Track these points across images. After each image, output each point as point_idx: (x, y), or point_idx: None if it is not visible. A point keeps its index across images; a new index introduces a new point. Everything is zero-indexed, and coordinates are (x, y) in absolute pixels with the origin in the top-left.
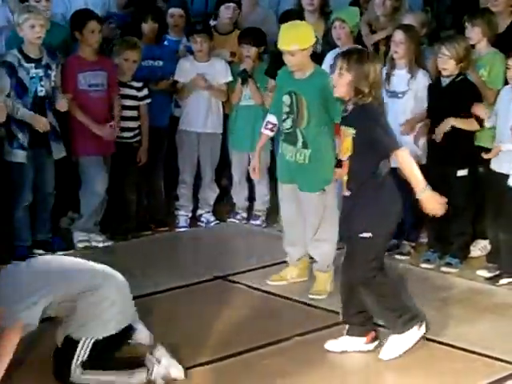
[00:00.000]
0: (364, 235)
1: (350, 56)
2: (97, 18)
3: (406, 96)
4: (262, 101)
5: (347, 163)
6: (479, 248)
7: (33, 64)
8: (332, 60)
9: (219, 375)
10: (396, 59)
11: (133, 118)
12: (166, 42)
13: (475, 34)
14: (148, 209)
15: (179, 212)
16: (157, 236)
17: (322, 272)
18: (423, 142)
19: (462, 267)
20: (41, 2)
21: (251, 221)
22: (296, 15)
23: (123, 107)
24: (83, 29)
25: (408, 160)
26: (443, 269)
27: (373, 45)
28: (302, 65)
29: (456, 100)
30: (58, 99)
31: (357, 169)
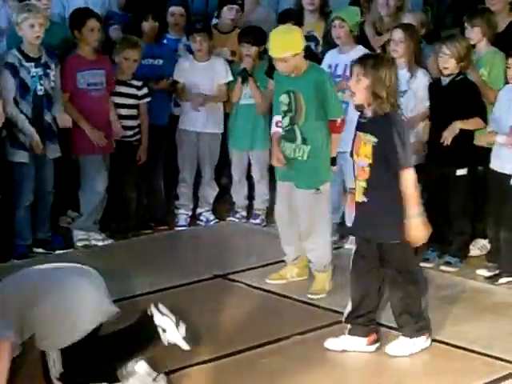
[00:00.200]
0: (395, 241)
1: (366, 61)
2: (96, 17)
3: (406, 95)
4: (262, 100)
5: (367, 170)
6: (478, 247)
7: (32, 63)
8: (331, 59)
9: (218, 374)
10: (396, 58)
11: (132, 117)
12: (166, 41)
13: (475, 34)
14: (148, 207)
15: (179, 211)
16: (156, 235)
17: (320, 272)
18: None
19: (462, 266)
20: (41, 1)
21: (251, 220)
22: (295, 15)
23: (123, 106)
24: (82, 27)
25: (413, 181)
26: (442, 268)
27: (380, 46)
28: (296, 67)
29: (456, 99)
30: (59, 112)
31: (377, 176)
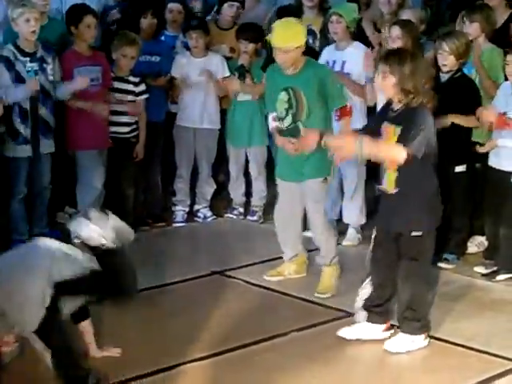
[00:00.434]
0: (416, 233)
1: (391, 59)
2: (93, 13)
3: None
4: (260, 96)
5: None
6: (476, 244)
7: (27, 58)
8: (328, 56)
9: (215, 370)
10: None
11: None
12: (164, 38)
13: (473, 30)
14: (145, 204)
15: (176, 207)
16: (154, 231)
17: (327, 266)
18: None
19: (459, 263)
20: None
21: (248, 216)
22: (294, 10)
23: (120, 102)
24: (79, 24)
25: (395, 155)
26: (440, 265)
27: (378, 43)
28: (295, 61)
29: (454, 96)
30: (74, 83)
31: (406, 167)
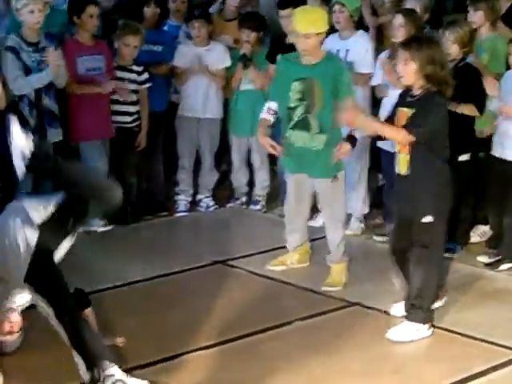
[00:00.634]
0: (426, 220)
1: (411, 45)
2: (95, 3)
3: None
4: (263, 85)
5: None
6: (478, 234)
7: (31, 48)
8: (331, 45)
9: (218, 360)
10: (397, 43)
11: (132, 103)
12: (167, 27)
13: (478, 18)
14: (147, 194)
15: (179, 197)
16: (156, 221)
17: (337, 263)
18: None
19: (462, 253)
20: None
21: (251, 206)
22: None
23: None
24: (82, 13)
25: (399, 137)
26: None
27: (375, 28)
28: (314, 50)
29: (458, 85)
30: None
31: (419, 150)
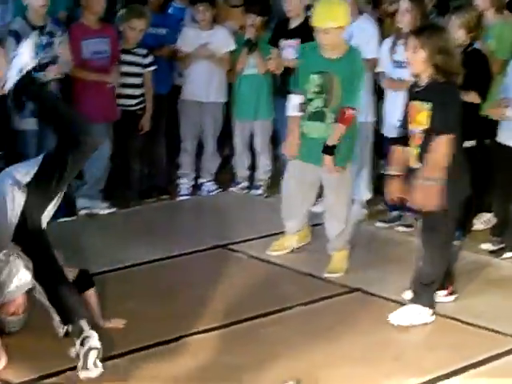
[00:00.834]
0: (438, 207)
1: (422, 33)
2: None
3: None
4: (267, 70)
5: (420, 136)
6: (482, 221)
7: (37, 31)
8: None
9: (219, 343)
10: (402, 28)
11: (136, 86)
12: (171, 10)
13: (482, 2)
14: (150, 177)
15: (181, 180)
16: (158, 204)
17: (338, 251)
18: None
19: (466, 240)
20: None
21: (252, 190)
22: None
23: (127, 74)
24: None
25: (443, 147)
26: None
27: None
28: (335, 44)
29: (465, 71)
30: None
31: (430, 141)
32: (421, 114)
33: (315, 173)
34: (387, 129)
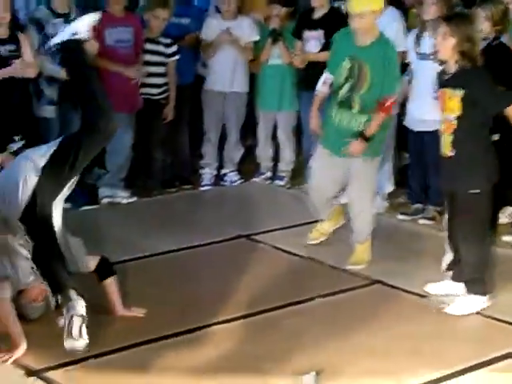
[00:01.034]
0: (473, 191)
1: (452, 20)
2: None
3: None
4: (291, 60)
5: (454, 123)
6: (506, 215)
7: (61, 19)
8: None
9: (242, 333)
10: (427, 21)
11: (160, 75)
12: (196, 1)
13: None
14: (172, 166)
15: (204, 170)
16: (181, 194)
17: (360, 243)
18: None
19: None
20: None
21: (275, 181)
22: None
23: (151, 63)
24: None
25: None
26: None
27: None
28: (368, 29)
29: (490, 65)
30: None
31: (464, 128)
32: (453, 101)
33: (343, 164)
34: (410, 121)
